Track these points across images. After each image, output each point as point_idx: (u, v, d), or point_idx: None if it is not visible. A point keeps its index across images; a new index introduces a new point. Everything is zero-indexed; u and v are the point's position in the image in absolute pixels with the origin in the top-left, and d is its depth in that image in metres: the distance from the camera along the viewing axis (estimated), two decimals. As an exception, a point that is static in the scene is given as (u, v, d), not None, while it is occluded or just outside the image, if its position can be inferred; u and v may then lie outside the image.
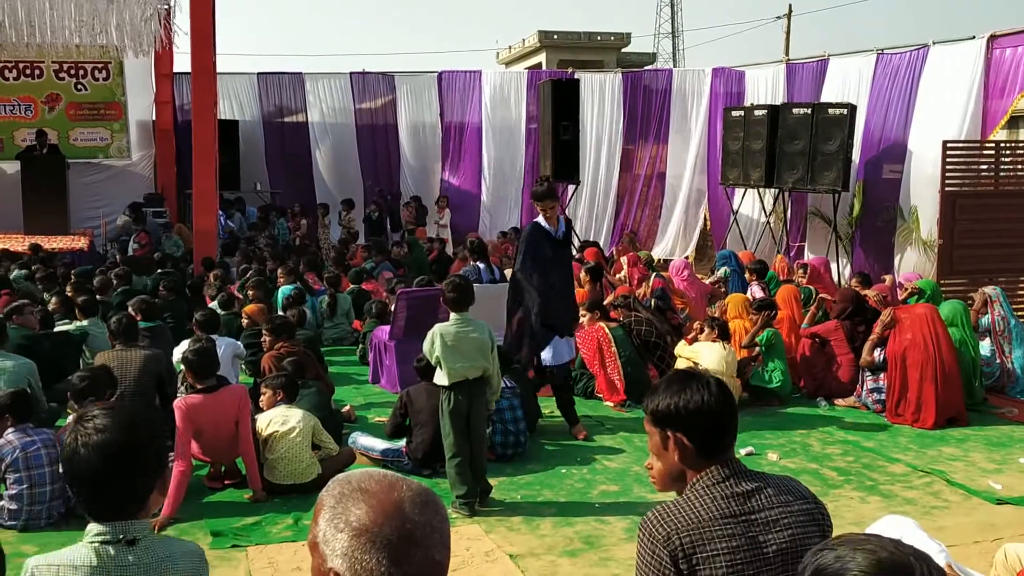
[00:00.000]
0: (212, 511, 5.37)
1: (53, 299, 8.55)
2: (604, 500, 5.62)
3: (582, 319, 8.14)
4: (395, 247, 13.64)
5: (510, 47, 52.54)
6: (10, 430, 5.04)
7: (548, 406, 7.44)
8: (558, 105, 14.25)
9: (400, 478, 1.40)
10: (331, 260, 12.91)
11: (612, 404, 7.72)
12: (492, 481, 5.55)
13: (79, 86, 16.24)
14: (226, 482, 5.80)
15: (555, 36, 47.73)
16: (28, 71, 15.90)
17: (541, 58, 46.60)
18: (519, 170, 16.89)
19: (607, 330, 7.88)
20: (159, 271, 11.19)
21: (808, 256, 12.94)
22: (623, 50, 49.88)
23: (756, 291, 9.34)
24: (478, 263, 9.06)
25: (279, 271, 10.86)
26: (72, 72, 16.13)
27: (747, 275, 9.81)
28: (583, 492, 5.74)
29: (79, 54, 14.71)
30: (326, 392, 6.66)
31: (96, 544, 1.94)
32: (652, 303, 8.99)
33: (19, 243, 12.94)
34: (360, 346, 9.52)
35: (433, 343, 5.20)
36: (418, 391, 6.08)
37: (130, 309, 7.52)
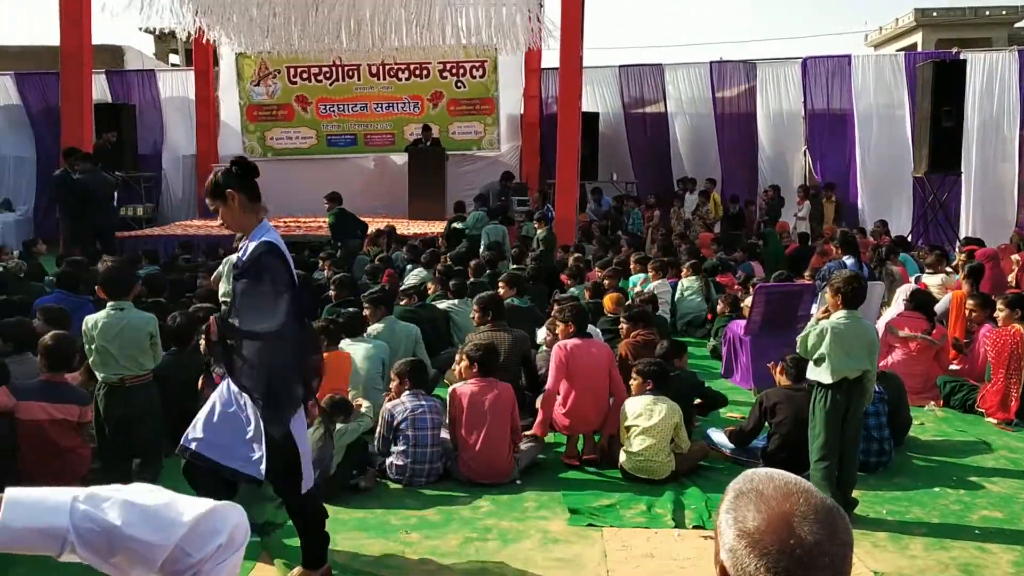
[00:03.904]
0: (568, 487, 5.55)
1: (430, 279, 9.46)
2: (986, 526, 5.05)
3: (998, 314, 7.21)
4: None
5: (880, 28, 49.14)
6: (406, 393, 5.61)
7: (919, 417, 6.86)
8: (939, 88, 13.17)
9: (801, 488, 1.34)
10: (683, 251, 12.89)
11: (995, 421, 6.90)
12: (855, 493, 5.20)
13: (459, 84, 17.71)
14: (585, 457, 5.98)
15: (934, 13, 43.77)
16: (417, 72, 17.65)
17: (916, 38, 43.00)
18: (898, 159, 15.66)
19: (1028, 336, 6.88)
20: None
21: None
22: (1016, 25, 44.55)
23: None
24: (844, 258, 8.53)
25: (631, 259, 11.07)
26: (453, 71, 17.62)
27: None
28: (960, 515, 5.19)
29: (462, 54, 16.07)
30: (689, 384, 6.57)
31: None
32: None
33: (404, 227, 14.37)
34: (712, 340, 9.39)
35: (822, 337, 4.96)
36: (777, 393, 5.86)
37: (500, 284, 8.27)
